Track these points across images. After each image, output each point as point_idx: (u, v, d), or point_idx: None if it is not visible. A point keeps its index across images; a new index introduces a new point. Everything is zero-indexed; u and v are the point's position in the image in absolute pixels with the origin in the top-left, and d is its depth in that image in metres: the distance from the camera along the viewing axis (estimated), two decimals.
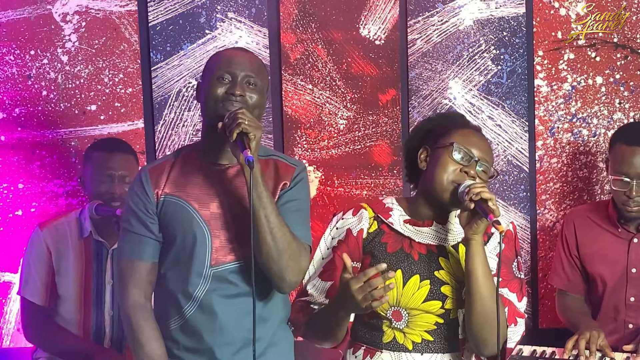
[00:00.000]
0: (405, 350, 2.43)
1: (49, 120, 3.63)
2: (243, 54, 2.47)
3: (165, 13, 3.63)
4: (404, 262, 2.42)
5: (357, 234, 2.47)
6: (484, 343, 2.37)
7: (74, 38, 3.63)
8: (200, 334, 2.41)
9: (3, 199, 3.64)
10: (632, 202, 3.14)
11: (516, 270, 2.47)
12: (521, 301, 2.46)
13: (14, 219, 3.65)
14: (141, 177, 2.46)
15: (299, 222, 2.42)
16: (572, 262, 3.36)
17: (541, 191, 3.68)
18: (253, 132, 2.27)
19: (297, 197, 2.44)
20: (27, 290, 3.30)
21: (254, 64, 2.45)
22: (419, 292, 2.40)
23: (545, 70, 3.64)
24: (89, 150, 3.37)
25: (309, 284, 2.51)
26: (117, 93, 3.65)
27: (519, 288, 2.46)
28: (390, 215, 2.48)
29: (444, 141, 2.43)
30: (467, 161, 2.39)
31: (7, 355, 3.66)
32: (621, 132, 3.28)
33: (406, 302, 2.40)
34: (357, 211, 2.51)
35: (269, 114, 3.66)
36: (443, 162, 2.39)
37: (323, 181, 3.68)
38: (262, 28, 3.64)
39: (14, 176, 3.64)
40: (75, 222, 3.32)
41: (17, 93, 3.63)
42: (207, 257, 2.39)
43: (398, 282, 2.40)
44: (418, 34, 3.65)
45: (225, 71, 2.40)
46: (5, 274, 3.62)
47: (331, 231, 2.54)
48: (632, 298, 3.24)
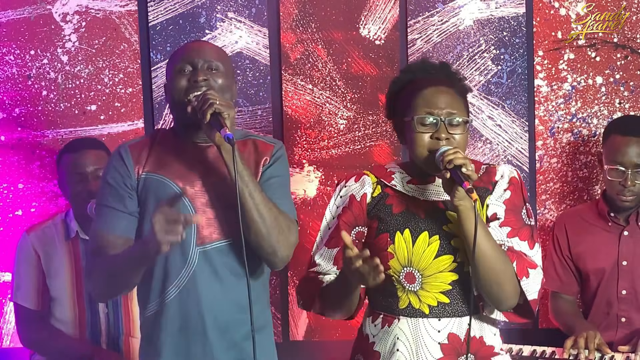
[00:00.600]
0: (422, 315, 2.39)
1: (49, 120, 3.63)
2: (199, 43, 2.48)
3: (165, 13, 3.63)
4: (410, 221, 2.40)
5: (361, 198, 2.46)
6: (497, 300, 2.35)
7: (74, 38, 3.63)
8: (184, 317, 2.37)
9: (3, 199, 3.64)
10: (627, 191, 3.23)
11: (526, 218, 2.42)
12: (533, 248, 2.39)
13: (14, 219, 3.65)
14: (120, 152, 2.42)
15: (283, 196, 2.42)
16: (565, 263, 3.40)
17: (541, 191, 3.68)
18: (226, 111, 2.24)
19: (278, 173, 2.44)
20: (19, 296, 3.31)
21: (212, 49, 2.44)
22: (430, 248, 2.37)
23: (545, 70, 3.64)
24: (59, 155, 3.37)
25: (317, 254, 2.50)
26: (117, 93, 3.65)
27: (529, 235, 2.40)
28: (393, 179, 2.46)
29: (405, 116, 2.39)
30: (434, 126, 2.34)
31: (7, 355, 3.66)
32: (615, 123, 3.38)
33: (417, 260, 2.37)
34: (360, 177, 2.49)
35: (269, 114, 3.66)
36: (412, 138, 2.36)
37: (323, 181, 3.68)
38: (262, 28, 3.64)
39: (14, 176, 3.65)
40: (61, 223, 3.32)
41: (17, 93, 3.63)
42: (193, 236, 2.35)
43: (407, 241, 2.38)
44: (418, 34, 3.65)
45: (184, 63, 2.38)
46: (5, 274, 3.63)
47: (335, 200, 2.52)
48: (624, 291, 3.28)
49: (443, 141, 2.32)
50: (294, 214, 2.44)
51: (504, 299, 2.34)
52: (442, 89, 2.39)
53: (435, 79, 2.42)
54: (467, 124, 2.37)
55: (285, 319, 3.69)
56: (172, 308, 2.38)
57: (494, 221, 2.39)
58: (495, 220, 2.39)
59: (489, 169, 2.47)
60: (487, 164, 2.51)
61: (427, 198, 2.43)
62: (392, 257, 2.39)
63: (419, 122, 2.34)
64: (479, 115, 3.66)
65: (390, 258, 2.39)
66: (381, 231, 2.42)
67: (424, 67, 2.49)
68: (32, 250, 3.29)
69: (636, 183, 3.22)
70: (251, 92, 3.65)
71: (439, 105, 2.35)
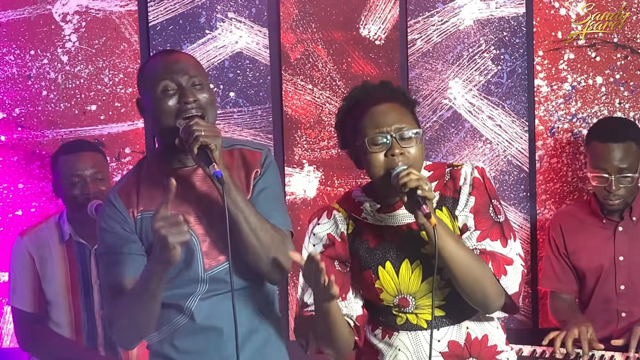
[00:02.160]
0: (421, 329, 2.41)
1: (49, 120, 3.63)
2: (176, 56, 2.38)
3: (165, 13, 3.63)
4: (389, 252, 2.39)
5: (341, 237, 2.44)
6: (484, 305, 2.35)
7: (74, 38, 3.63)
8: (203, 331, 2.37)
9: (3, 199, 3.64)
10: (612, 196, 3.26)
11: (494, 215, 2.39)
12: (506, 246, 2.36)
13: (14, 219, 3.65)
14: (111, 199, 2.37)
15: (276, 208, 2.40)
16: (562, 263, 3.42)
17: (541, 191, 3.68)
18: (213, 142, 2.21)
19: (269, 184, 2.42)
20: (16, 299, 3.31)
21: (191, 62, 2.38)
22: (414, 275, 2.37)
23: (545, 70, 3.64)
24: (55, 155, 3.35)
25: (305, 295, 2.46)
26: (117, 93, 3.65)
27: (500, 233, 2.37)
28: (362, 210, 2.43)
29: (356, 141, 2.35)
30: (386, 144, 2.29)
31: (7, 355, 3.66)
32: (594, 129, 3.39)
33: (406, 288, 2.38)
34: (330, 214, 2.45)
35: (269, 114, 3.66)
36: (367, 160, 2.31)
37: (323, 181, 3.68)
38: (262, 28, 3.64)
39: (14, 176, 3.64)
40: (55, 226, 3.32)
41: (17, 93, 3.63)
42: (200, 263, 2.34)
43: (391, 273, 2.38)
44: (418, 34, 3.65)
45: (167, 81, 2.31)
46: (5, 274, 3.62)
47: (310, 238, 2.47)
48: (622, 286, 3.31)
49: (398, 157, 2.27)
50: (288, 223, 2.43)
51: (490, 303, 2.34)
52: (387, 106, 2.34)
53: (377, 96, 2.37)
54: (418, 135, 2.31)
55: (285, 319, 3.69)
56: (187, 328, 2.38)
57: (466, 232, 2.37)
58: (466, 231, 2.37)
59: (453, 172, 2.41)
60: (452, 165, 2.45)
61: (399, 223, 2.40)
62: (381, 292, 2.40)
63: (371, 143, 2.29)
64: (479, 115, 3.66)
65: (380, 292, 2.40)
66: (364, 268, 2.41)
67: (364, 89, 2.44)
68: (27, 253, 3.28)
69: (621, 187, 3.25)
70: (251, 92, 3.65)
71: (387, 121, 2.30)
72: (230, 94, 3.65)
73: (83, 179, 3.24)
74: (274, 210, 2.38)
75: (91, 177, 3.24)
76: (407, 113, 2.36)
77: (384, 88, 2.43)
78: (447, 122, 3.66)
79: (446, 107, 3.66)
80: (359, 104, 2.39)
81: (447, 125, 3.67)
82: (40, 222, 3.38)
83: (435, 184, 2.40)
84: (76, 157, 3.27)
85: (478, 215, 2.38)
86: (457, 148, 3.67)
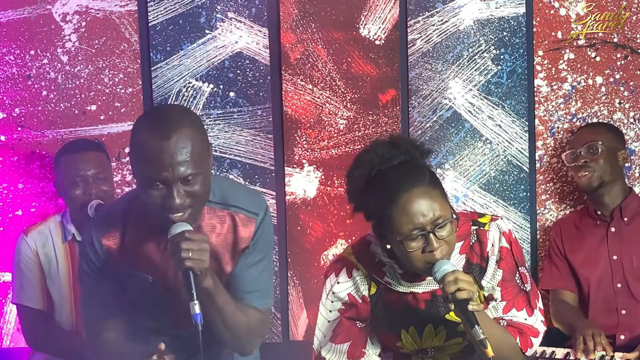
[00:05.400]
0: None
1: (49, 120, 3.63)
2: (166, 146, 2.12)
3: (165, 13, 3.63)
4: (412, 317, 2.34)
5: (362, 299, 2.36)
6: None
7: (74, 38, 3.63)
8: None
9: (3, 199, 3.64)
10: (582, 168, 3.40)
11: (520, 283, 2.35)
12: (532, 315, 2.34)
13: (14, 219, 3.65)
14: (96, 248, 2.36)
15: (256, 283, 2.36)
16: (562, 262, 3.48)
17: (541, 191, 3.68)
18: (199, 267, 2.12)
19: (255, 260, 2.37)
20: (24, 297, 3.28)
21: (182, 151, 2.14)
22: (437, 337, 2.37)
23: (545, 70, 3.64)
24: (58, 155, 3.35)
25: (323, 350, 2.41)
26: (117, 93, 3.64)
27: (526, 302, 2.35)
28: (384, 274, 2.34)
29: (392, 236, 2.21)
30: (423, 238, 2.17)
31: (7, 355, 3.66)
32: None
33: (428, 346, 2.39)
34: (350, 272, 2.36)
35: (269, 114, 3.66)
36: (405, 255, 2.21)
37: (323, 181, 3.68)
38: (262, 28, 3.64)
39: (14, 176, 3.64)
40: (58, 225, 3.31)
41: (17, 93, 3.63)
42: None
43: (414, 336, 2.36)
44: (418, 34, 3.65)
45: (155, 178, 2.14)
46: (5, 274, 3.62)
47: (328, 296, 2.39)
48: (619, 284, 3.37)
49: (436, 252, 2.17)
50: (268, 301, 2.41)
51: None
52: (417, 192, 2.18)
53: (402, 178, 2.20)
54: (453, 221, 2.19)
55: (285, 319, 3.68)
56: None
57: (491, 301, 2.33)
58: (492, 300, 2.32)
59: (479, 234, 2.34)
60: (478, 221, 2.36)
61: (424, 290, 2.35)
62: (401, 348, 2.40)
63: (408, 240, 2.17)
64: (478, 115, 3.66)
65: (400, 349, 2.40)
66: (386, 329, 2.39)
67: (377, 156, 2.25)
68: (32, 251, 3.27)
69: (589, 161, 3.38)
70: (251, 92, 3.65)
71: (422, 212, 2.16)
72: (230, 94, 3.65)
73: (85, 179, 3.24)
74: (255, 290, 2.36)
75: (93, 177, 3.24)
76: (438, 194, 2.21)
77: (406, 166, 2.24)
78: (447, 122, 3.66)
79: (446, 107, 3.66)
80: (382, 179, 2.23)
81: (447, 125, 3.67)
82: (42, 221, 3.37)
83: (461, 245, 2.34)
84: (79, 156, 3.27)
85: (505, 284, 2.35)
86: (457, 148, 3.67)
